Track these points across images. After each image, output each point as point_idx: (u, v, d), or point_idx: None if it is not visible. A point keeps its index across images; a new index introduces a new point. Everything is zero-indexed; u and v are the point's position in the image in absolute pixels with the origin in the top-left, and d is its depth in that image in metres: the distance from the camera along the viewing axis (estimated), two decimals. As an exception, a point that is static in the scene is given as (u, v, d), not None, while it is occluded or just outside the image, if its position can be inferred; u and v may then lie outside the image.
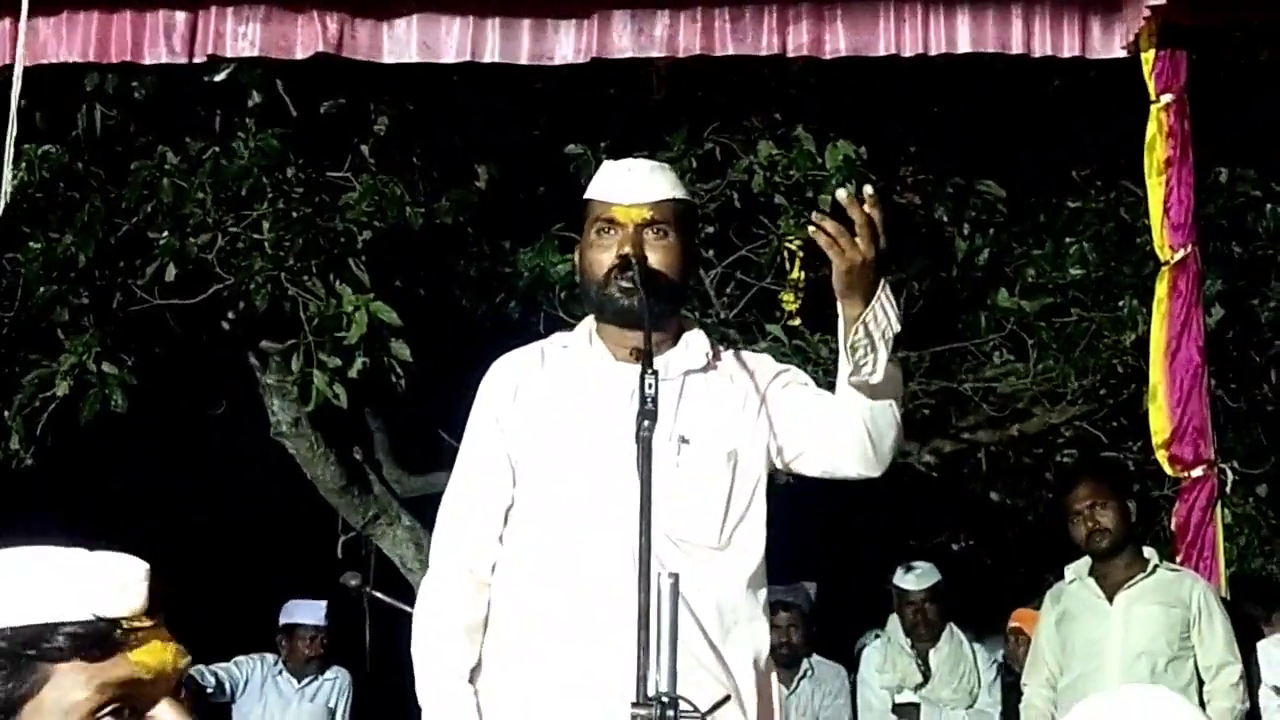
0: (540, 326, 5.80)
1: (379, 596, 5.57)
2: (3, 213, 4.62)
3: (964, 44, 4.95)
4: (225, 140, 5.97)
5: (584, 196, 2.98)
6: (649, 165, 3.03)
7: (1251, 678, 5.10)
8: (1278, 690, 5.20)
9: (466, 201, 6.26)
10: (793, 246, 5.87)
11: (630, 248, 2.83)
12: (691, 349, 2.95)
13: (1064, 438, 7.15)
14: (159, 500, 7.74)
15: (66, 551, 1.37)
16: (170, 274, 5.95)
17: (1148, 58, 4.90)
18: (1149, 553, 5.17)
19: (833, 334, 2.80)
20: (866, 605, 7.17)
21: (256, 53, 5.06)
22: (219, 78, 5.72)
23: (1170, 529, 5.19)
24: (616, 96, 6.32)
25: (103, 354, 6.02)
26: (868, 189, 2.65)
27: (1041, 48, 4.96)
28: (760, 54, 5.00)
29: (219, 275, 6.00)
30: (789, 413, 2.91)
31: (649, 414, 2.45)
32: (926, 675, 6.52)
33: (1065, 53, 4.97)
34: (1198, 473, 4.87)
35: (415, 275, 6.54)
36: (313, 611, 7.08)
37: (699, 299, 6.06)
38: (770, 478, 2.94)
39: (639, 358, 2.64)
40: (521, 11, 4.99)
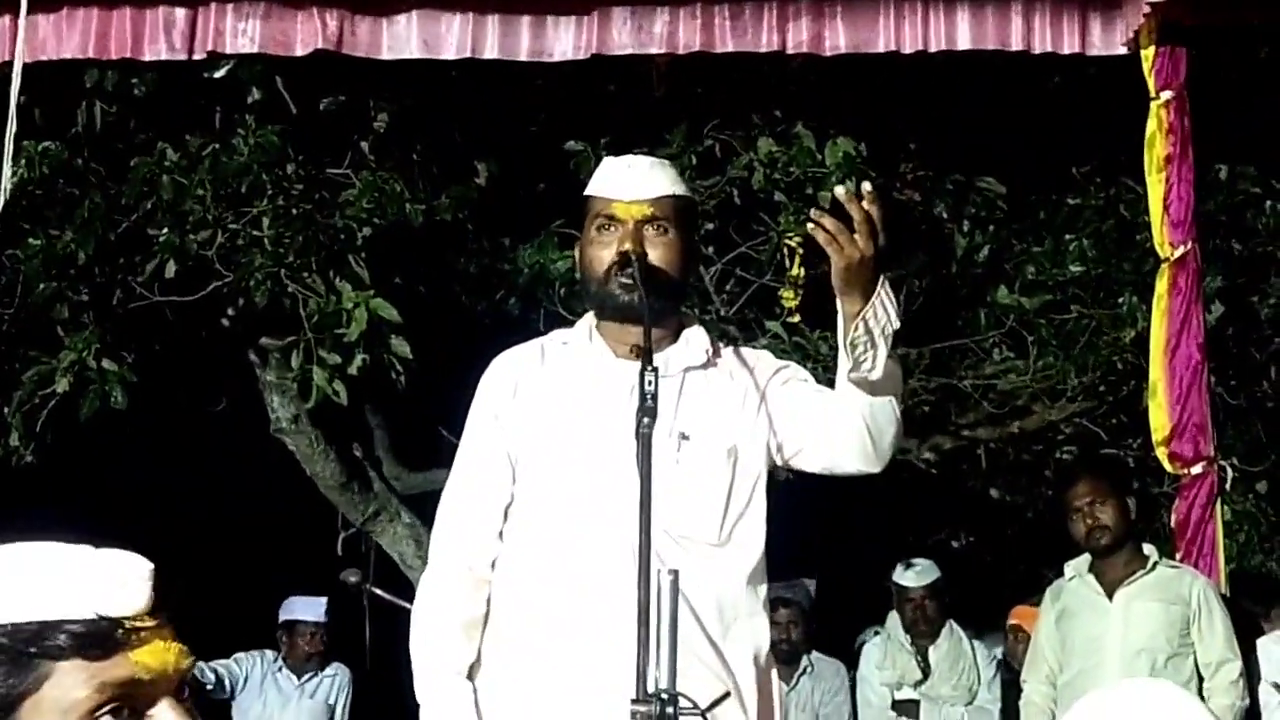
0: (540, 323, 5.80)
1: (379, 593, 5.57)
2: (2, 209, 4.62)
3: (964, 41, 4.96)
4: (225, 137, 5.97)
5: (584, 193, 2.98)
6: (649, 161, 3.03)
7: (1251, 675, 5.09)
8: (1277, 687, 5.19)
9: (466, 198, 6.26)
10: (792, 243, 5.85)
11: (630, 244, 2.83)
12: (692, 346, 2.94)
13: (1064, 434, 7.15)
14: (159, 497, 7.73)
15: (71, 549, 1.37)
16: (170, 271, 5.95)
17: (1148, 55, 4.90)
18: (1149, 550, 5.17)
19: (832, 331, 2.80)
20: (866, 602, 7.17)
21: (256, 49, 5.06)
22: (219, 74, 5.72)
23: (1170, 526, 5.19)
24: (616, 93, 6.32)
25: (102, 351, 6.02)
26: (866, 185, 2.65)
27: (1041, 44, 4.96)
28: (760, 51, 5.00)
29: (219, 272, 6.00)
30: (789, 409, 2.91)
31: (649, 410, 2.45)
32: (926, 672, 6.52)
33: (1065, 49, 4.97)
34: (1197, 470, 4.87)
35: (415, 272, 6.53)
36: (313, 608, 7.08)
37: (699, 296, 6.06)
38: (770, 474, 2.94)
39: (639, 354, 2.63)
40: (521, 8, 4.99)
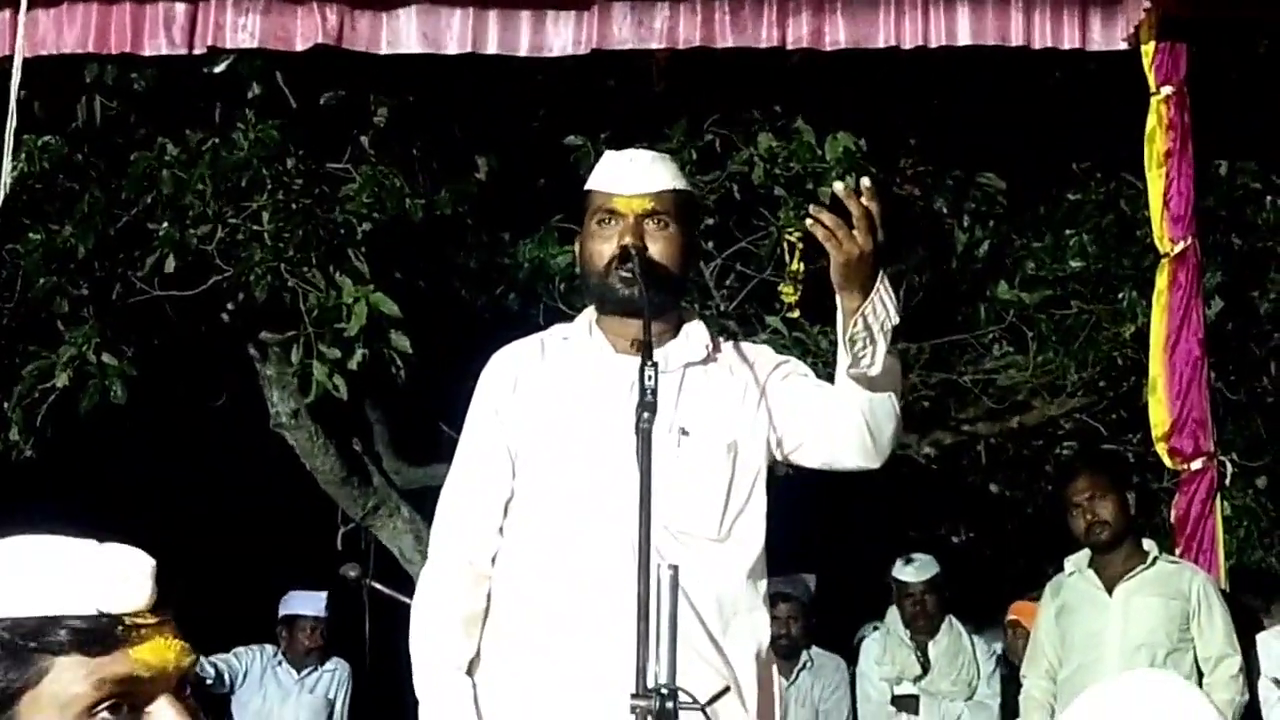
0: (540, 318, 5.79)
1: (378, 588, 5.58)
2: (2, 204, 4.62)
3: (964, 36, 4.96)
4: (225, 132, 5.96)
5: (585, 187, 2.98)
6: (650, 156, 3.03)
7: (1251, 670, 5.10)
8: (1277, 682, 5.20)
9: (466, 193, 6.25)
10: (792, 238, 5.83)
11: (631, 238, 2.83)
12: (692, 341, 2.94)
13: (1064, 430, 7.16)
14: (158, 491, 7.72)
15: (74, 543, 1.36)
16: (170, 265, 5.94)
17: (1148, 50, 4.90)
18: (1149, 545, 5.17)
19: (832, 326, 2.79)
20: (866, 597, 7.17)
21: (256, 44, 5.06)
22: (219, 69, 5.71)
23: (1170, 521, 5.20)
24: (616, 88, 6.31)
25: (102, 345, 6.01)
26: (865, 181, 2.64)
27: (1041, 40, 4.96)
28: (760, 46, 5.01)
29: (219, 266, 5.99)
30: (789, 404, 2.91)
31: (649, 405, 2.44)
32: (925, 667, 6.52)
33: (1065, 45, 4.98)
34: (1197, 465, 4.88)
35: (415, 267, 6.53)
36: (312, 602, 7.08)
37: (699, 291, 6.06)
38: (770, 469, 2.94)
39: (639, 349, 2.63)
40: (521, 3, 5.00)
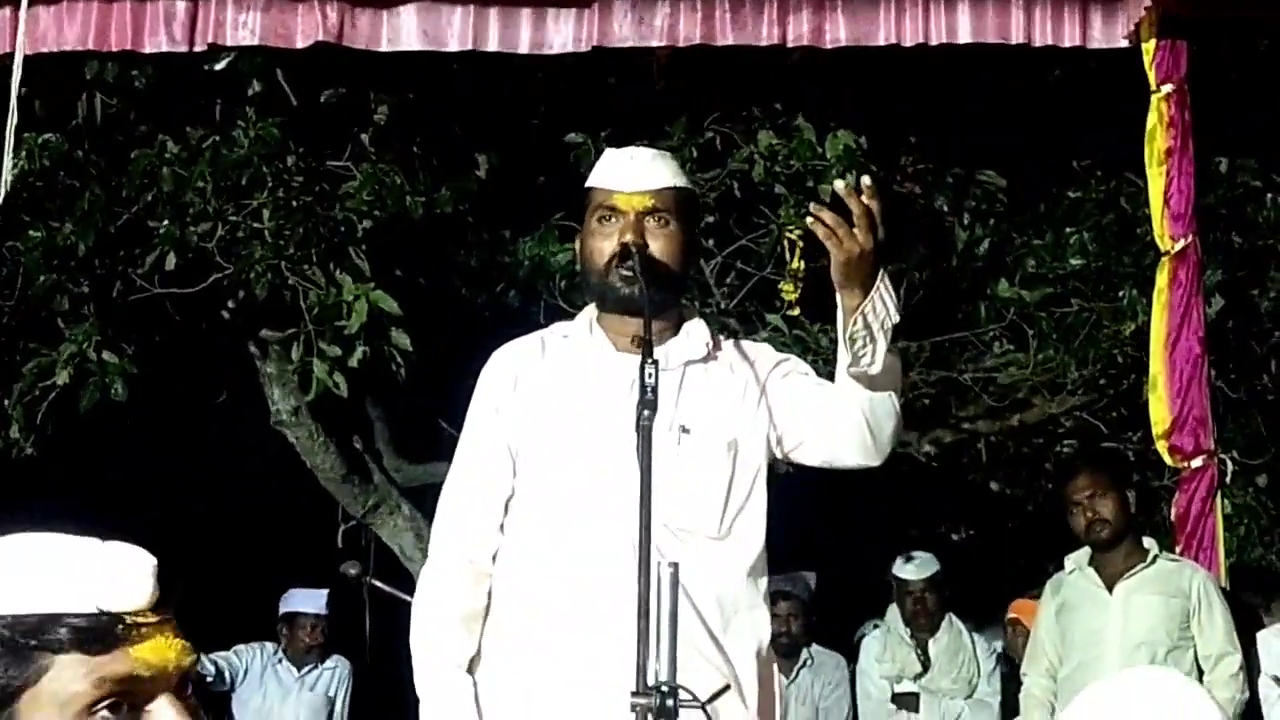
0: (540, 316, 5.80)
1: (379, 585, 5.58)
2: (3, 201, 4.62)
3: (964, 34, 4.96)
4: (225, 129, 5.96)
5: (585, 185, 2.97)
6: (651, 153, 3.03)
7: (1251, 668, 5.10)
8: (1278, 680, 5.20)
9: (466, 191, 6.25)
10: (793, 236, 5.82)
11: (631, 235, 2.83)
12: (692, 339, 2.94)
13: (1064, 428, 7.15)
14: (159, 489, 7.73)
15: (76, 541, 1.36)
16: (170, 263, 5.94)
17: (1148, 48, 4.90)
18: (1149, 543, 5.17)
19: (832, 324, 2.79)
20: (866, 595, 7.17)
21: (256, 41, 5.06)
22: (219, 66, 5.71)
23: (1170, 519, 5.20)
24: (617, 86, 6.31)
25: (103, 343, 6.01)
26: (865, 180, 2.64)
27: (1042, 38, 4.96)
28: (760, 43, 5.00)
29: (219, 264, 5.99)
30: (789, 402, 2.91)
31: (649, 403, 2.44)
32: (926, 665, 6.52)
33: (1066, 43, 4.98)
34: (1197, 463, 4.88)
35: (415, 264, 6.53)
36: (313, 600, 7.08)
37: (699, 289, 6.06)
38: (770, 467, 2.94)
39: (640, 347, 2.63)
40: (521, 0, 4.99)
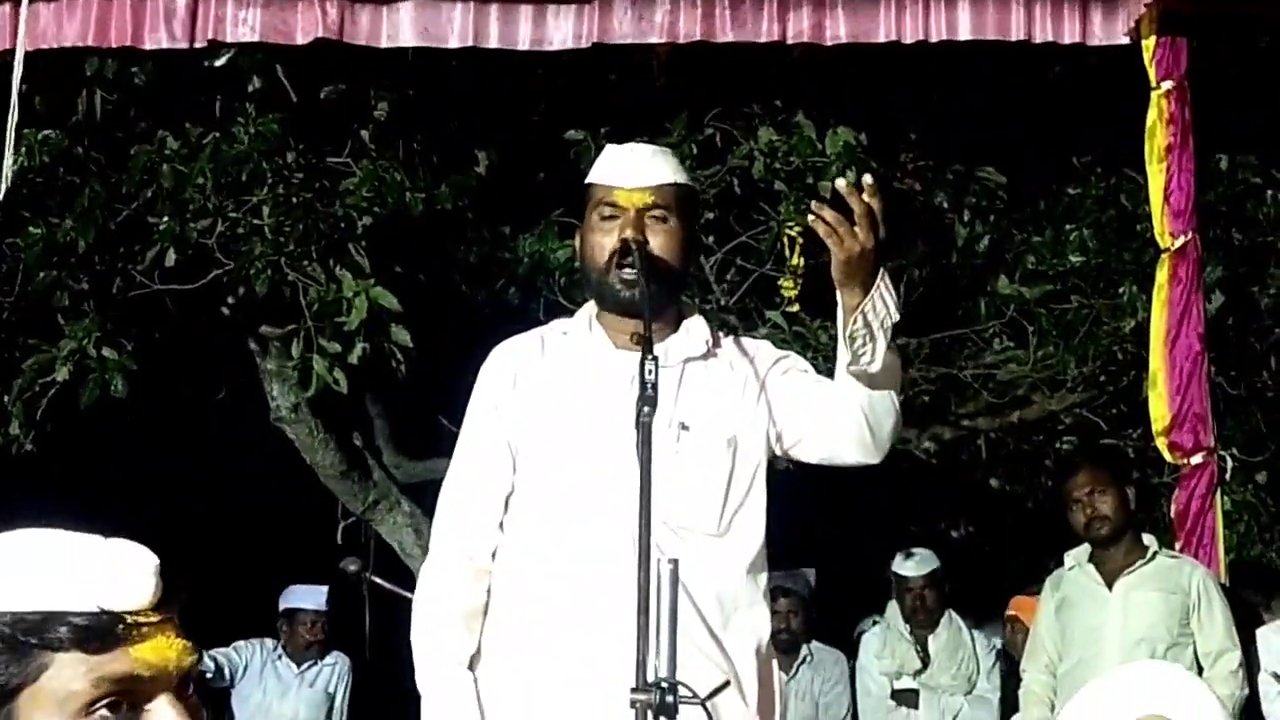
0: (540, 312, 5.80)
1: (378, 582, 5.57)
2: (3, 197, 4.62)
3: (965, 31, 4.95)
4: (225, 125, 5.95)
5: (585, 181, 2.97)
6: (651, 149, 3.03)
7: (1251, 664, 5.10)
8: (1277, 676, 5.20)
9: (466, 187, 6.25)
10: (793, 233, 5.85)
11: (631, 232, 2.83)
12: (692, 335, 2.94)
13: (1064, 425, 7.15)
14: (158, 485, 7.73)
15: (78, 539, 1.35)
16: (170, 259, 5.94)
17: (1148, 44, 4.90)
18: (1149, 540, 5.17)
19: (832, 320, 2.79)
20: (866, 591, 7.18)
21: (257, 38, 5.05)
22: (219, 63, 5.70)
23: (1170, 516, 5.19)
24: (617, 82, 6.31)
25: (103, 339, 6.01)
26: (867, 178, 2.64)
27: (1042, 34, 4.96)
28: (760, 40, 5.00)
29: (219, 260, 5.99)
30: (788, 399, 2.91)
31: (649, 400, 2.44)
32: (925, 661, 6.53)
33: (1066, 39, 4.97)
34: (1197, 460, 4.87)
35: (415, 261, 6.52)
36: (313, 596, 7.09)
37: (699, 285, 6.06)
38: (770, 464, 2.94)
39: (639, 344, 2.63)
40: (521, -4, 4.99)
